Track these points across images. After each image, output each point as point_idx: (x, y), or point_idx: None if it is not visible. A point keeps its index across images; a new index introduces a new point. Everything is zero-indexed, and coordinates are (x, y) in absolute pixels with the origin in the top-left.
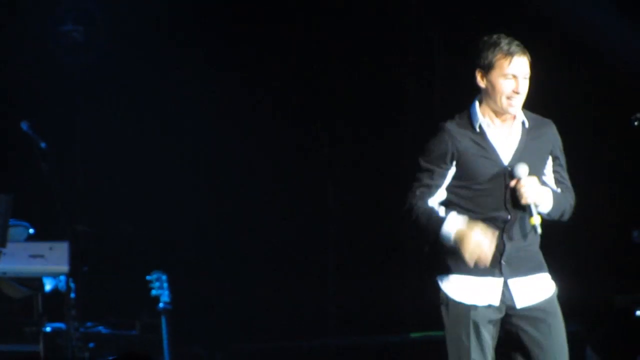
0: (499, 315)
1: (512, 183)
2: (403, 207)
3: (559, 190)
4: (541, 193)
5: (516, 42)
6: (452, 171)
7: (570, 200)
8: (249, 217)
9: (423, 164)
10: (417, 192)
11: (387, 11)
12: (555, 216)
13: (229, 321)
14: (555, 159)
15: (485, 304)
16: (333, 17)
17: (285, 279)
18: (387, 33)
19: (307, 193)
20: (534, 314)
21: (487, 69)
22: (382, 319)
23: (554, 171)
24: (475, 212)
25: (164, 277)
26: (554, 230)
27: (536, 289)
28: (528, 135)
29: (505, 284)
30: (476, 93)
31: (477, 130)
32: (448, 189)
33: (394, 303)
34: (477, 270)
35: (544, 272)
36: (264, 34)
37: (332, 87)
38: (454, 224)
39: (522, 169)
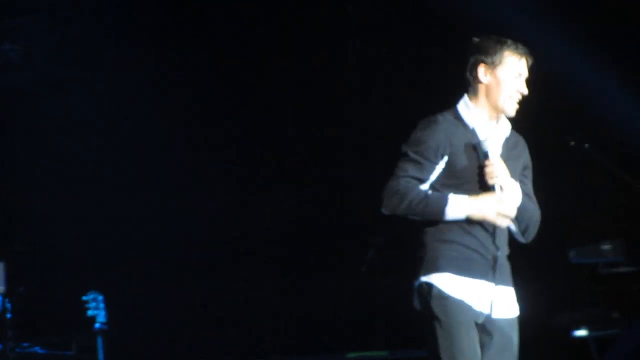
0: (479, 320)
1: (483, 162)
2: (385, 193)
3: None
4: (510, 181)
5: (522, 44)
6: (440, 167)
7: (536, 215)
8: (188, 236)
9: (412, 154)
10: (403, 182)
11: (325, 17)
12: (521, 224)
13: (167, 342)
14: (525, 168)
15: (479, 309)
16: (271, 18)
17: (223, 299)
18: (324, 34)
19: (247, 210)
20: (505, 327)
21: (495, 64)
22: (319, 339)
23: (522, 182)
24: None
25: (100, 298)
26: None
27: (512, 302)
28: (508, 141)
29: (492, 291)
30: (464, 90)
31: (470, 127)
32: (437, 187)
33: (330, 323)
34: (472, 272)
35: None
36: (207, 41)
37: (275, 86)
38: (460, 203)
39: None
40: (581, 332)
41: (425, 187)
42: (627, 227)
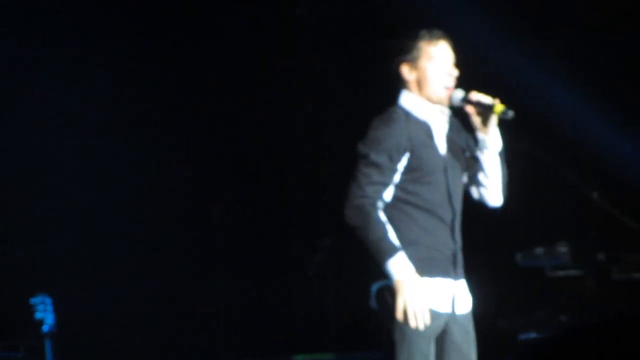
0: (443, 322)
1: (468, 108)
2: (350, 203)
3: None
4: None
5: (436, 29)
6: (402, 164)
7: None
8: (138, 238)
9: (373, 157)
10: (368, 191)
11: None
12: (503, 171)
13: (116, 345)
14: (467, 139)
15: (442, 311)
16: (222, 21)
17: (172, 302)
18: (274, 37)
19: (194, 214)
20: (463, 322)
21: (415, 58)
22: (266, 341)
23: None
24: (424, 209)
25: (48, 300)
26: None
27: (468, 295)
28: (451, 126)
29: (453, 288)
30: (398, 88)
31: (421, 119)
32: (402, 186)
33: (278, 325)
34: (434, 271)
35: None
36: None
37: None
38: (402, 266)
39: (458, 92)
40: (528, 336)
41: (390, 190)
42: (575, 229)
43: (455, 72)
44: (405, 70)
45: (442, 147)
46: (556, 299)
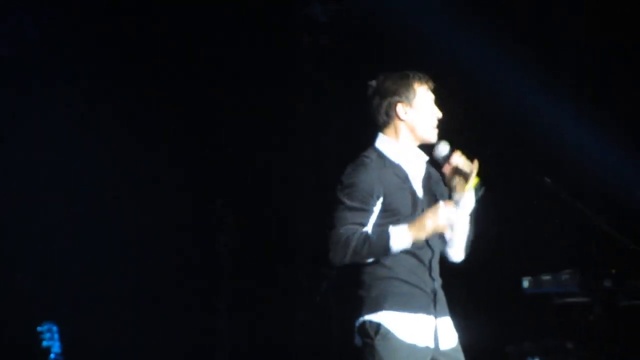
0: (428, 358)
1: (446, 168)
2: (329, 246)
3: None
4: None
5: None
6: (377, 208)
7: None
8: (143, 267)
9: (348, 202)
10: (343, 230)
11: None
12: (471, 234)
13: None
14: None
15: (424, 345)
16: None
17: (177, 330)
18: (280, 65)
19: (198, 238)
20: (452, 354)
21: (410, 99)
22: None
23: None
24: (402, 250)
25: (54, 328)
26: (443, 276)
27: (452, 330)
28: (428, 172)
29: (435, 325)
30: (377, 129)
31: (396, 162)
32: (374, 225)
33: (284, 352)
34: (415, 307)
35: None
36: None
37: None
38: (399, 228)
39: (443, 147)
40: None
41: (367, 230)
42: (582, 256)
43: (439, 114)
44: (401, 110)
45: (418, 189)
46: (563, 326)
